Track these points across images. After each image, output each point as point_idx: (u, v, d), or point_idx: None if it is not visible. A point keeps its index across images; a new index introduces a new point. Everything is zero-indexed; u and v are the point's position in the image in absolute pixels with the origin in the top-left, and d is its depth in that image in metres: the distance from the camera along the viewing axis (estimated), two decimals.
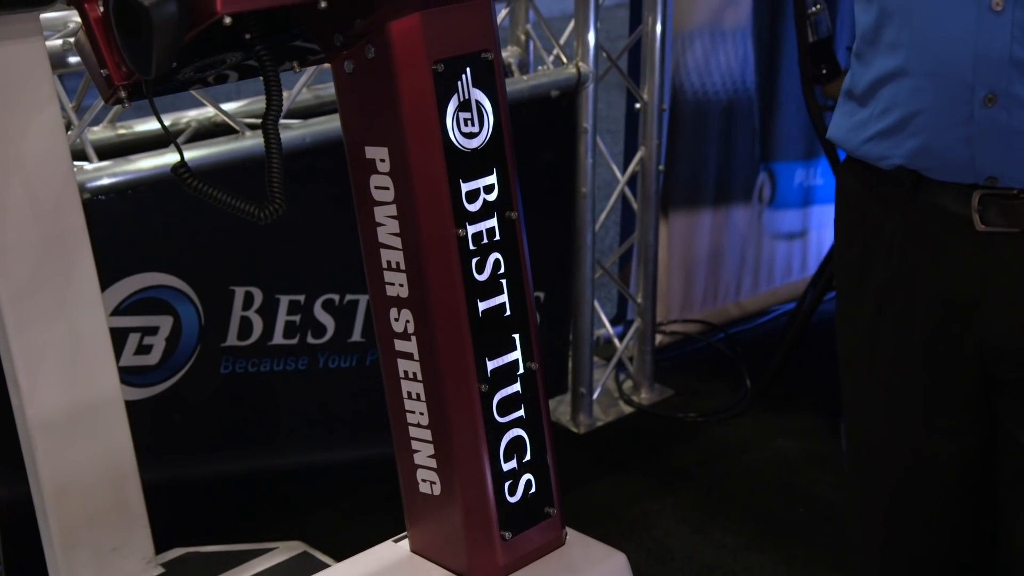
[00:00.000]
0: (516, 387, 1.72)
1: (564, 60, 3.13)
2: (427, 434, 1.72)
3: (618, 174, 3.39)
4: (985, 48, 1.49)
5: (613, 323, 3.54)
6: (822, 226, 3.96)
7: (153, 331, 2.51)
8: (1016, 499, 1.69)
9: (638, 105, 3.31)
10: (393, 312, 1.69)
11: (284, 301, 2.67)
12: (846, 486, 1.88)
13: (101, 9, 1.41)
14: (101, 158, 2.39)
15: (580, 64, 3.07)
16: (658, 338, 3.55)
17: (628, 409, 3.43)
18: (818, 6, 3.27)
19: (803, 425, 3.34)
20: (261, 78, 1.53)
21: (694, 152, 3.60)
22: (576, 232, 3.20)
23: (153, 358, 2.53)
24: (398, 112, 1.58)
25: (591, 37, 3.07)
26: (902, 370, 1.74)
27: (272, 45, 1.53)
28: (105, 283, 2.22)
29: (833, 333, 3.43)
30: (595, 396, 3.37)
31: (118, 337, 2.33)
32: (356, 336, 2.80)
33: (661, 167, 3.36)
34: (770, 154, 3.77)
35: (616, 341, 3.47)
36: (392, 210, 1.64)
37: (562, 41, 3.14)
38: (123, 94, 1.49)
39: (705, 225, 3.69)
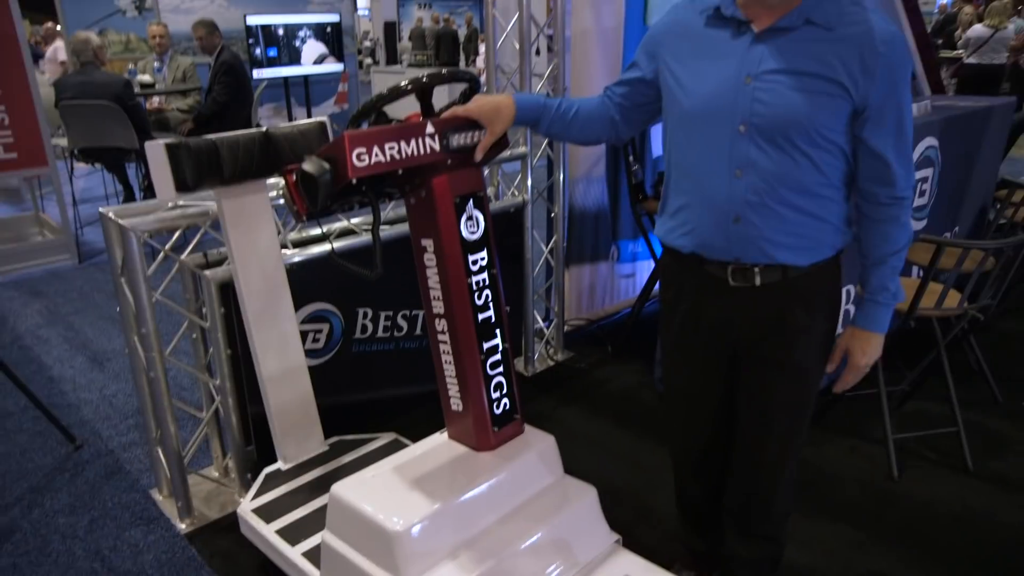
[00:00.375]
0: (498, 356, 1.78)
1: (516, 194, 3.13)
2: (455, 380, 1.75)
3: (543, 247, 3.38)
4: (733, 194, 1.39)
5: (544, 320, 3.48)
6: (641, 272, 3.90)
7: (320, 331, 2.51)
8: (743, 417, 1.63)
9: (552, 215, 3.31)
10: (437, 321, 1.73)
11: (382, 314, 2.68)
12: (662, 403, 1.81)
13: (293, 177, 1.47)
14: (294, 247, 2.42)
15: (524, 196, 3.10)
16: (565, 327, 3.50)
17: (551, 362, 3.38)
18: (636, 166, 3.33)
19: (636, 368, 3.29)
20: (370, 207, 1.59)
21: (580, 236, 3.53)
22: (524, 277, 3.19)
23: (320, 345, 2.53)
24: (436, 222, 1.64)
25: (529, 182, 3.09)
26: (691, 354, 1.64)
27: (374, 190, 1.59)
28: (296, 307, 2.24)
29: (651, 323, 3.46)
30: (535, 356, 3.35)
31: (303, 334, 2.34)
32: (417, 331, 2.79)
33: (565, 244, 3.38)
34: (617, 234, 3.71)
35: (545, 329, 3.44)
36: (435, 270, 1.70)
37: (515, 184, 3.14)
38: (304, 218, 1.55)
39: (587, 271, 3.65)
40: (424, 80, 1.62)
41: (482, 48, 14.18)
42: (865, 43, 1.27)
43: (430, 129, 1.52)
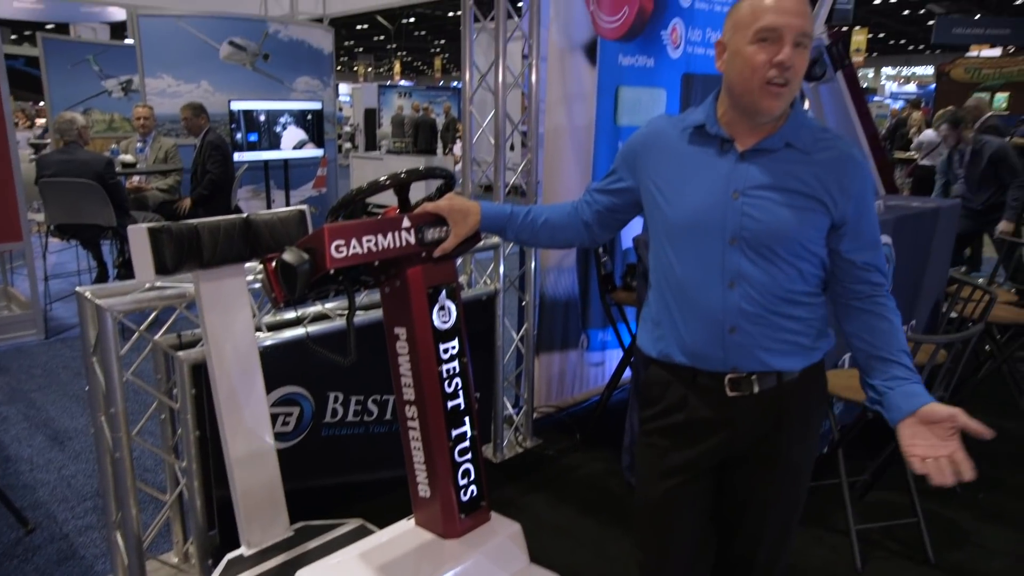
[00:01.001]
0: (466, 443, 1.79)
1: (488, 282, 3.20)
2: (423, 466, 1.77)
3: (514, 335, 3.44)
4: (728, 305, 1.41)
5: (513, 407, 3.50)
6: (610, 360, 3.95)
7: (290, 414, 2.52)
8: (735, 522, 1.59)
9: (524, 303, 3.40)
10: (407, 407, 1.76)
11: (353, 399, 2.69)
12: (637, 517, 1.67)
13: (273, 265, 1.53)
14: (268, 330, 2.46)
15: (496, 284, 3.18)
16: (534, 414, 3.51)
17: (520, 449, 3.38)
18: (605, 258, 3.44)
19: (603, 456, 3.30)
20: (345, 294, 1.64)
21: (551, 324, 3.59)
22: (495, 363, 3.23)
23: (289, 428, 2.53)
24: (409, 312, 1.69)
25: (501, 270, 3.17)
26: (682, 468, 1.54)
27: (350, 279, 1.64)
28: (268, 390, 2.24)
29: (619, 411, 3.48)
30: (504, 443, 3.35)
31: (273, 417, 2.35)
32: (388, 416, 2.80)
33: (535, 332, 3.45)
34: (587, 323, 3.79)
35: (514, 416, 3.46)
36: (407, 357, 1.74)
37: (488, 272, 3.22)
38: (281, 305, 1.59)
39: (556, 359, 3.70)
40: (402, 176, 1.72)
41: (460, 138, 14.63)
42: (840, 166, 1.39)
43: (406, 223, 1.60)
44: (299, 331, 2.46)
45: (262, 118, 6.50)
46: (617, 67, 3.50)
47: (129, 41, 9.11)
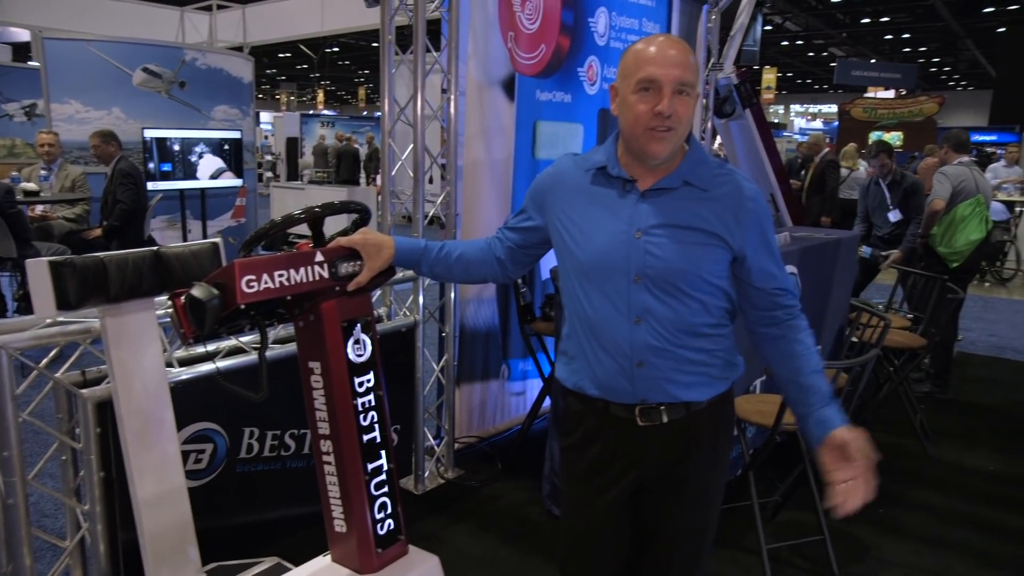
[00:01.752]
0: (383, 476, 1.79)
1: (408, 313, 3.21)
2: (339, 501, 1.75)
3: (434, 366, 3.44)
4: (635, 340, 1.46)
5: (434, 438, 3.48)
6: (531, 389, 4.00)
7: (203, 451, 2.45)
8: (650, 548, 1.62)
9: (444, 334, 3.40)
10: (322, 442, 1.74)
11: (269, 434, 2.63)
12: (560, 545, 1.72)
13: (182, 300, 1.51)
14: (180, 366, 2.40)
15: (415, 316, 3.19)
16: (455, 444, 3.51)
17: (441, 480, 3.37)
18: (524, 289, 3.50)
19: (525, 485, 3.32)
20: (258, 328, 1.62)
21: (472, 355, 3.62)
22: (415, 395, 3.23)
23: (202, 465, 2.46)
24: (324, 345, 1.68)
25: (421, 301, 3.19)
26: (599, 497, 1.59)
27: (263, 313, 1.62)
28: (179, 426, 2.19)
29: (540, 440, 3.52)
30: (426, 474, 3.33)
31: (185, 455, 2.28)
32: (305, 450, 2.75)
33: (455, 363, 3.46)
34: (507, 353, 3.84)
35: (435, 447, 3.43)
36: (322, 391, 1.72)
37: (407, 304, 3.23)
38: (191, 341, 1.56)
39: (477, 389, 3.72)
40: (317, 210, 1.72)
41: None
42: (736, 201, 1.45)
43: (319, 257, 1.60)
44: (212, 365, 2.40)
45: (176, 147, 6.34)
46: (535, 102, 3.61)
47: (34, 64, 8.76)
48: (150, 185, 6.04)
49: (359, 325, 1.74)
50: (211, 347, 2.53)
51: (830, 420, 1.43)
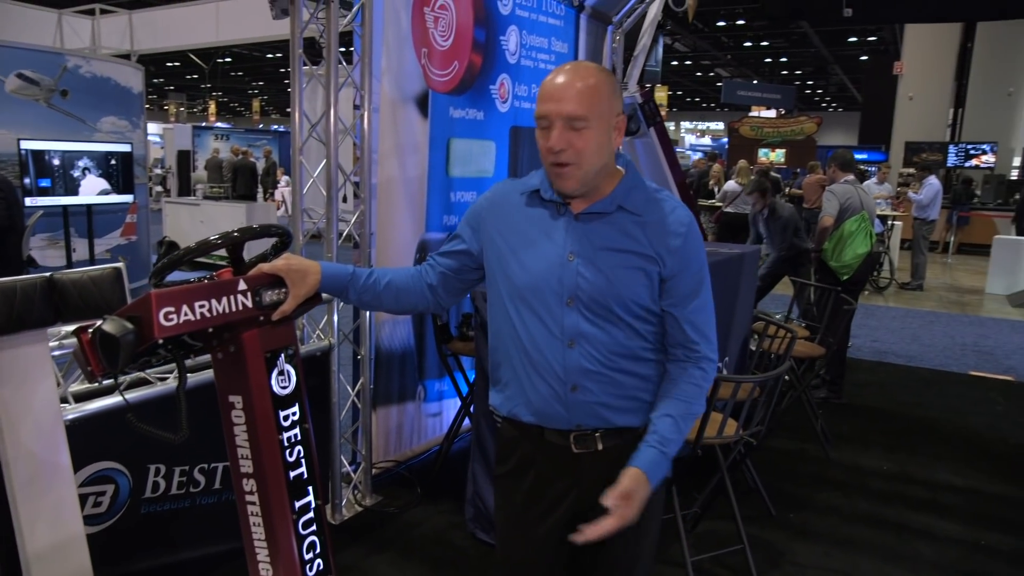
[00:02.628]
0: (310, 514, 1.70)
1: (322, 336, 3.09)
2: (264, 543, 1.65)
3: (349, 390, 3.31)
4: (569, 364, 1.44)
5: (350, 463, 3.35)
6: (447, 410, 3.92)
7: (103, 493, 2.25)
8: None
9: (359, 357, 3.30)
10: (245, 481, 1.63)
11: (176, 470, 2.45)
12: (495, 562, 1.68)
13: (89, 334, 1.37)
14: (76, 401, 2.21)
15: (330, 339, 3.07)
16: (373, 470, 3.40)
17: (359, 508, 3.25)
18: (439, 313, 3.43)
19: (446, 508, 3.24)
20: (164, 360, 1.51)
21: (387, 377, 3.52)
22: (331, 420, 3.10)
23: (103, 508, 2.27)
24: (246, 378, 1.58)
25: (335, 325, 3.07)
26: (535, 526, 1.56)
27: (179, 346, 1.51)
28: (76, 468, 2.03)
29: (459, 461, 3.46)
30: (343, 503, 3.21)
31: (82, 498, 2.10)
32: (216, 485, 2.58)
33: (371, 387, 3.35)
34: (423, 374, 3.75)
35: (352, 473, 3.32)
36: (244, 427, 1.62)
37: (321, 326, 3.10)
38: (99, 379, 1.43)
39: (394, 412, 3.60)
40: (235, 234, 1.61)
41: (283, 180, 14.12)
42: (669, 226, 1.45)
43: (242, 286, 1.49)
44: (113, 400, 2.22)
45: (56, 161, 5.89)
46: (448, 119, 3.56)
47: None
48: (28, 201, 5.59)
49: (283, 355, 1.64)
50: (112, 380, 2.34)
51: (635, 458, 1.43)
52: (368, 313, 3.23)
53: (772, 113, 18.34)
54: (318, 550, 1.68)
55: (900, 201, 10.83)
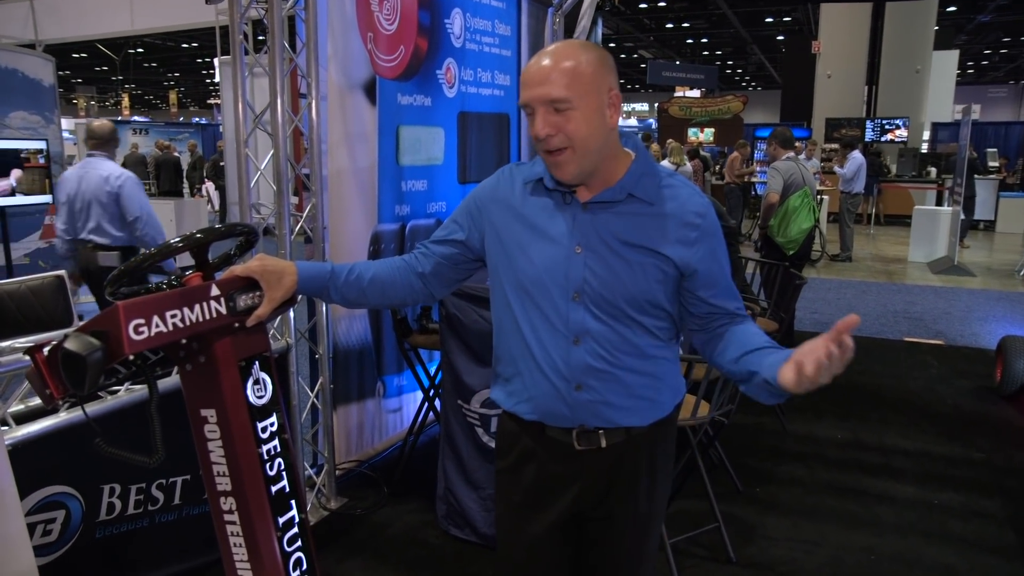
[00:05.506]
0: (295, 529, 1.61)
1: (279, 337, 2.94)
2: (247, 565, 1.56)
3: (308, 391, 3.18)
4: (573, 361, 1.37)
5: (312, 466, 3.24)
6: (408, 405, 3.84)
7: (53, 520, 2.08)
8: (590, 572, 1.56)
9: (317, 356, 3.14)
10: (222, 499, 1.53)
11: (132, 488, 2.29)
12: (496, 561, 1.62)
13: (46, 353, 1.24)
14: (17, 423, 2.02)
15: (287, 339, 2.94)
16: (336, 472, 3.27)
17: (325, 512, 3.13)
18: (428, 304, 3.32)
19: (416, 506, 3.16)
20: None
21: (346, 375, 3.41)
22: (291, 423, 2.98)
23: (53, 537, 2.10)
24: (220, 390, 1.48)
25: (291, 324, 2.94)
26: (537, 523, 1.50)
27: (145, 360, 1.40)
28: (22, 495, 1.87)
29: (424, 456, 3.38)
30: (308, 508, 3.08)
31: (30, 527, 1.94)
32: (176, 500, 2.43)
33: (331, 386, 3.22)
34: (382, 370, 3.65)
35: (314, 476, 3.18)
36: (219, 443, 1.51)
37: (276, 324, 2.94)
38: (60, 402, 1.31)
39: (354, 410, 3.50)
40: (199, 236, 1.48)
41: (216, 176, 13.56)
42: (683, 216, 1.35)
43: (215, 291, 1.38)
44: (58, 419, 2.04)
45: None
46: (396, 106, 3.43)
47: None
48: None
49: (258, 363, 1.54)
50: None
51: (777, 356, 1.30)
52: (325, 310, 3.10)
53: (697, 93, 18.66)
54: (305, 567, 1.59)
55: (826, 175, 11.18)
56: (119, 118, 20.17)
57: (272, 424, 1.56)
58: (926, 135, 16.64)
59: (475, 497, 2.84)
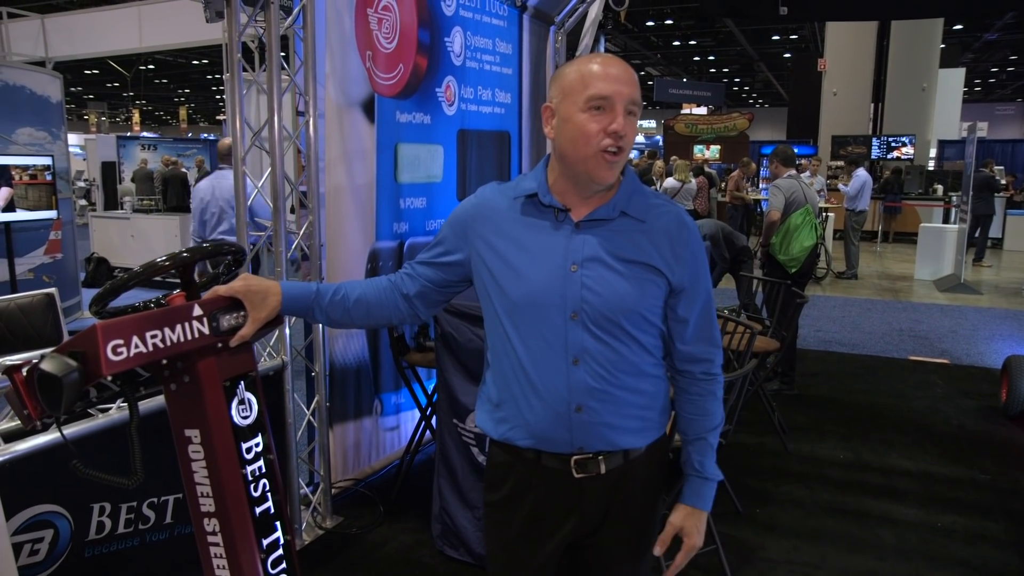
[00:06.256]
0: (279, 551, 1.58)
1: (274, 355, 2.94)
2: None
3: (304, 409, 3.18)
4: (574, 383, 1.34)
5: (308, 485, 3.21)
6: (405, 423, 3.82)
7: (41, 540, 2.05)
8: None
9: (313, 374, 3.15)
10: (206, 521, 1.51)
11: (123, 507, 2.27)
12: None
13: (24, 373, 1.23)
14: (6, 441, 2.00)
15: (282, 356, 2.93)
16: (332, 490, 3.25)
17: (320, 531, 3.10)
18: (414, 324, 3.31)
19: (411, 526, 3.14)
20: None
21: (343, 393, 3.39)
22: (287, 442, 2.95)
23: (40, 557, 2.07)
24: (204, 410, 1.46)
25: (287, 341, 2.92)
26: (531, 555, 1.46)
27: (127, 380, 1.38)
28: (8, 515, 1.85)
29: (421, 475, 3.36)
30: (302, 527, 3.07)
31: (16, 548, 1.92)
32: (168, 519, 2.40)
33: (327, 404, 3.21)
34: (379, 388, 3.64)
35: (310, 495, 3.17)
36: (203, 463, 1.49)
37: (272, 343, 2.95)
38: (38, 424, 1.30)
39: (351, 428, 3.48)
40: (184, 255, 1.48)
41: None
42: (672, 232, 1.36)
43: (197, 311, 1.36)
44: (47, 438, 2.03)
45: None
46: (395, 124, 3.44)
47: None
48: None
49: (243, 383, 1.52)
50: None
51: (687, 496, 1.47)
52: (322, 328, 3.09)
53: (703, 110, 18.70)
54: None
55: (831, 193, 11.14)
56: (128, 134, 20.36)
57: (257, 445, 1.54)
58: (932, 152, 16.60)
59: (470, 517, 2.81)
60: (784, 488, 3.57)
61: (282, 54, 3.10)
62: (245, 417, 1.52)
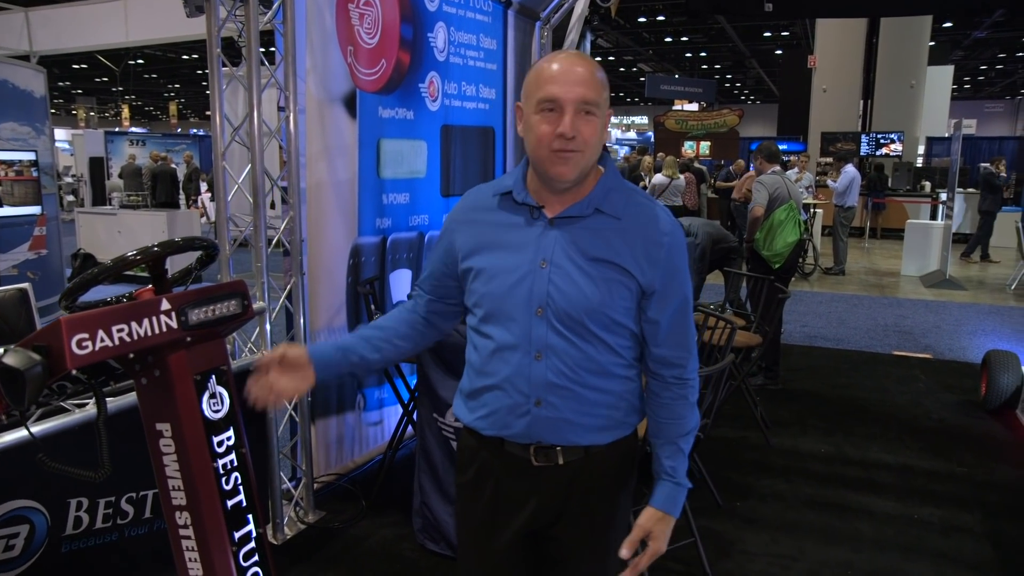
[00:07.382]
0: (252, 544, 1.60)
1: (255, 350, 2.94)
2: None
3: (287, 404, 3.16)
4: (535, 376, 1.37)
5: (290, 479, 3.22)
6: (388, 418, 3.83)
7: (16, 536, 2.05)
8: None
9: None
10: (178, 514, 1.52)
11: (101, 502, 2.27)
12: (458, 563, 1.64)
13: None
14: None
15: (264, 351, 2.92)
16: (314, 485, 3.26)
17: (302, 525, 3.11)
18: (378, 313, 3.31)
19: (393, 520, 3.15)
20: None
21: (325, 387, 3.39)
22: (268, 436, 2.96)
23: (15, 552, 2.07)
24: (174, 404, 1.47)
25: (268, 337, 2.93)
26: (494, 540, 1.50)
27: (95, 374, 1.40)
28: None
29: (404, 470, 3.36)
30: (284, 521, 3.06)
31: None
32: (147, 514, 2.40)
33: (309, 399, 3.22)
34: (362, 383, 3.64)
35: (292, 490, 3.17)
36: (174, 457, 1.51)
37: (253, 339, 2.96)
38: (3, 417, 1.31)
39: (333, 423, 3.48)
40: (155, 249, 1.49)
41: (204, 186, 13.60)
42: (649, 233, 1.36)
43: (165, 306, 1.37)
44: (20, 433, 2.03)
45: None
46: (378, 120, 3.44)
47: None
48: None
49: (214, 376, 1.53)
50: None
51: (657, 498, 1.44)
52: (303, 321, 3.09)
53: (695, 106, 18.73)
54: None
55: (820, 189, 11.18)
56: (117, 129, 20.25)
57: (229, 438, 1.56)
58: (921, 149, 16.68)
59: (450, 511, 2.82)
60: (765, 482, 3.60)
61: (269, 49, 3.11)
62: (216, 411, 1.54)
